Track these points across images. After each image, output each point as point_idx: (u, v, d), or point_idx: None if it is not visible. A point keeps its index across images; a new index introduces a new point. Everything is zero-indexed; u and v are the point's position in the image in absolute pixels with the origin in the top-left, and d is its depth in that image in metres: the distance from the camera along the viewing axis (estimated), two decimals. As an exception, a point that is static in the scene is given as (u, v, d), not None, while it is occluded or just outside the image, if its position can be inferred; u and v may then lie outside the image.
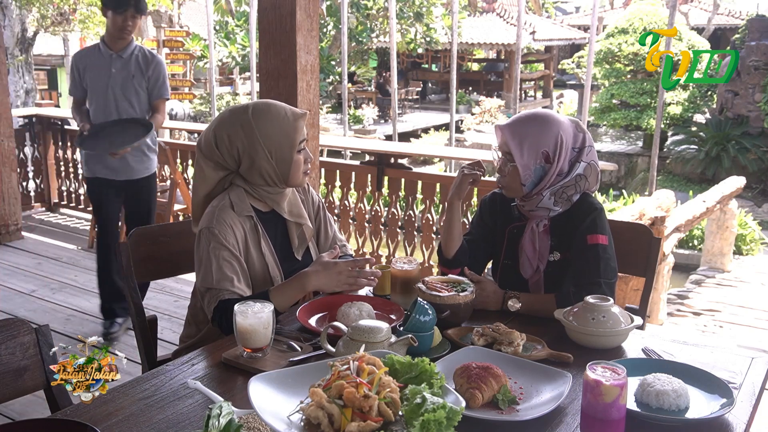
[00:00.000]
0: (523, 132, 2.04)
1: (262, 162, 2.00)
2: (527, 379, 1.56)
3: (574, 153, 2.06)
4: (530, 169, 2.04)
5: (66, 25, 11.31)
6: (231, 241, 1.98)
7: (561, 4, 33.44)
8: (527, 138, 2.03)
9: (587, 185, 2.09)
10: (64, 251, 5.44)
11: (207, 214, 2.02)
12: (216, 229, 1.97)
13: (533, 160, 2.03)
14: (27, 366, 1.62)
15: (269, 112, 2.02)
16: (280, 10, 3.41)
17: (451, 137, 9.88)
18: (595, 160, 2.10)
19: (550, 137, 2.02)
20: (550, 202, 2.06)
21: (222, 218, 1.99)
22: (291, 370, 1.45)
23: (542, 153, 2.03)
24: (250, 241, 2.04)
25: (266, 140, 2.00)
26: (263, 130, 2.00)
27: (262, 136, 1.99)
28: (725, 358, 1.75)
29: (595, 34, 7.33)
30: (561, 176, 2.05)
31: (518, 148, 2.03)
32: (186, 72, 15.47)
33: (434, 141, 17.53)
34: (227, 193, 2.05)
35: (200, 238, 2.00)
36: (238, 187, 2.06)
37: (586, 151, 2.07)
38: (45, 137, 6.57)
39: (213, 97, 9.74)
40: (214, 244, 1.96)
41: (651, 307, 4.23)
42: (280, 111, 2.03)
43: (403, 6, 18.77)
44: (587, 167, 2.07)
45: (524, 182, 2.05)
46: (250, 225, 2.06)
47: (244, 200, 2.05)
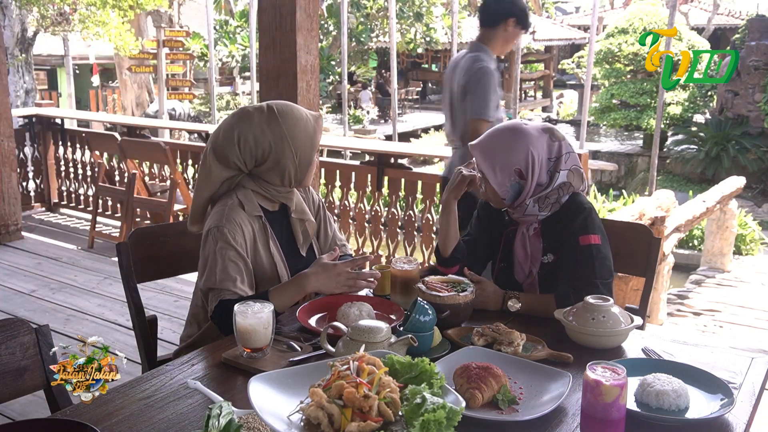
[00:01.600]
0: (492, 154, 2.04)
1: (288, 162, 2.03)
2: (527, 379, 1.56)
3: (550, 163, 2.04)
4: (506, 186, 2.04)
5: (66, 25, 11.30)
6: (239, 241, 1.98)
7: (561, 4, 33.42)
8: (497, 159, 2.03)
9: (572, 189, 2.08)
10: (64, 251, 5.44)
11: (216, 213, 2.02)
12: (225, 228, 1.97)
13: (507, 179, 2.03)
14: (27, 366, 1.62)
15: (293, 113, 2.05)
16: (280, 10, 3.41)
17: (451, 137, 9.86)
18: (576, 164, 2.07)
19: (520, 155, 2.01)
20: (535, 209, 2.06)
21: (232, 217, 2.00)
22: (291, 370, 1.45)
23: (515, 171, 2.02)
24: (258, 241, 2.05)
25: (294, 141, 2.03)
26: (291, 131, 2.02)
27: (290, 137, 2.02)
28: (725, 358, 1.75)
29: (595, 34, 7.33)
30: (541, 186, 2.04)
31: (491, 170, 2.03)
32: (186, 72, 15.49)
33: (434, 141, 17.53)
34: (234, 194, 2.05)
35: (207, 238, 2.00)
36: (244, 188, 2.06)
37: (564, 158, 2.04)
38: (45, 137, 6.57)
39: (213, 97, 9.74)
40: (222, 244, 1.97)
41: (651, 307, 4.23)
42: (302, 113, 2.07)
43: (403, 6, 18.78)
44: (569, 174, 2.05)
45: (504, 197, 2.06)
46: (259, 225, 2.07)
47: (253, 200, 2.06)
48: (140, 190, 5.51)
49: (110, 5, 10.73)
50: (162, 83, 11.37)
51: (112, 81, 18.55)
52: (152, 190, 5.69)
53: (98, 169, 5.96)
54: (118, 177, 6.09)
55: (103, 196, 5.99)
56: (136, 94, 15.65)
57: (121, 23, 11.02)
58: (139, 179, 5.51)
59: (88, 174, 6.45)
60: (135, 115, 14.88)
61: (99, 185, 5.81)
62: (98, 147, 5.85)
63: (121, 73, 15.35)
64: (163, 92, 11.48)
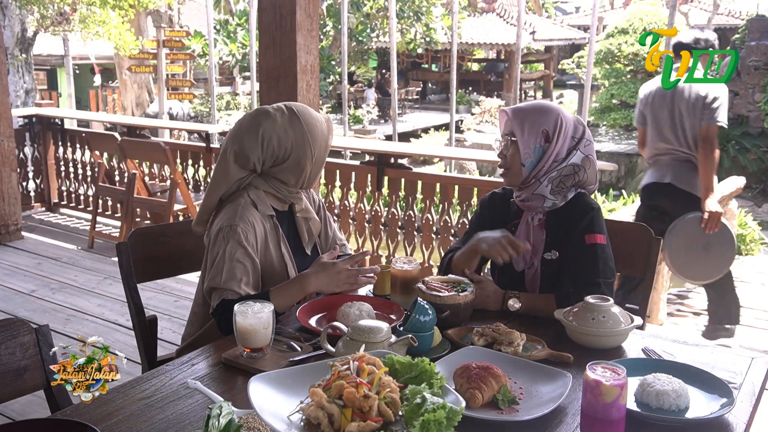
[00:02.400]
0: (525, 113, 2.11)
1: (307, 163, 2.07)
2: (527, 379, 1.56)
3: (573, 141, 2.10)
4: (530, 147, 2.07)
5: (66, 25, 11.29)
6: (250, 240, 1.99)
7: (561, 4, 33.43)
8: (528, 117, 2.09)
9: (586, 178, 2.10)
10: (64, 251, 5.44)
11: (228, 211, 2.02)
12: (239, 226, 1.98)
13: (533, 138, 2.06)
14: (27, 366, 1.62)
15: (312, 115, 2.10)
16: (280, 10, 3.41)
17: (451, 137, 9.89)
18: (593, 155, 2.12)
19: (551, 118, 2.08)
20: (547, 189, 2.07)
21: (245, 216, 2.00)
22: (291, 370, 1.45)
23: (542, 132, 2.06)
24: (270, 241, 2.06)
25: (314, 142, 2.07)
26: (313, 133, 2.07)
27: (312, 138, 2.06)
28: (725, 358, 1.75)
29: (595, 34, 7.33)
30: (557, 162, 2.07)
31: (520, 126, 2.08)
32: (186, 72, 15.49)
33: (434, 141, 17.52)
34: (245, 193, 2.06)
35: (218, 236, 2.00)
36: (256, 188, 2.07)
37: (584, 143, 2.10)
38: (45, 137, 6.57)
39: (213, 97, 9.75)
40: (232, 243, 1.97)
41: (651, 307, 4.23)
42: (317, 115, 2.13)
43: (403, 6, 18.78)
44: (585, 159, 2.09)
45: (524, 161, 2.07)
46: (271, 224, 2.08)
47: (265, 200, 2.07)
48: (140, 190, 5.51)
49: (110, 5, 10.71)
50: (162, 83, 11.37)
51: (112, 81, 18.55)
52: (152, 190, 5.69)
53: (98, 169, 5.96)
54: (118, 177, 6.09)
55: (103, 196, 5.99)
56: (136, 94, 15.65)
57: (121, 23, 11.01)
58: (139, 179, 5.50)
59: (88, 174, 6.45)
60: (135, 115, 14.88)
61: (99, 185, 5.81)
62: (98, 147, 5.85)
63: (121, 73, 15.35)
64: (163, 92, 11.48)
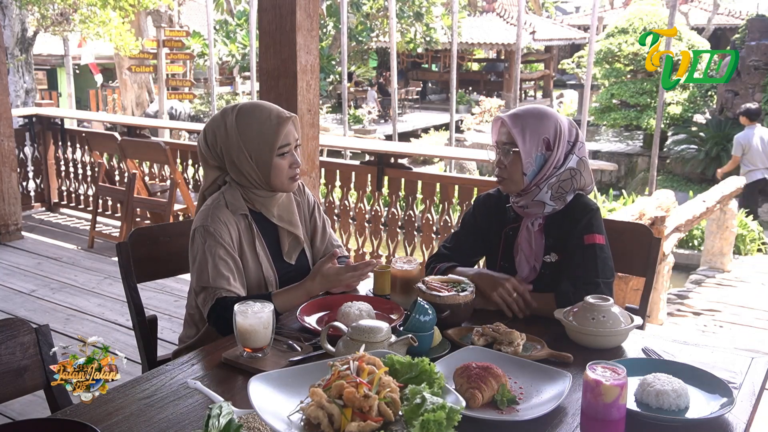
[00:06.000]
0: (524, 120, 2.07)
1: (243, 163, 2.01)
2: (527, 379, 1.56)
3: (568, 146, 2.09)
4: (532, 157, 2.04)
5: (66, 25, 11.30)
6: (227, 239, 1.98)
7: (561, 4, 33.44)
8: (528, 125, 2.06)
9: (582, 181, 2.10)
10: (64, 251, 5.44)
11: (201, 212, 2.03)
12: (211, 227, 1.97)
13: (535, 146, 2.04)
14: (27, 366, 1.62)
15: (252, 113, 2.01)
16: (280, 10, 3.41)
17: (451, 137, 9.88)
18: (586, 156, 2.12)
19: (550, 125, 2.06)
20: (547, 196, 2.06)
21: (217, 216, 1.99)
22: (291, 370, 1.45)
23: (543, 140, 2.05)
24: (244, 240, 2.04)
25: (246, 142, 2.00)
26: (243, 132, 2.00)
27: (241, 137, 2.00)
28: (725, 358, 1.75)
29: (595, 34, 7.33)
30: (556, 168, 2.06)
31: (521, 134, 2.04)
32: (186, 72, 15.49)
33: (434, 141, 17.53)
34: (222, 192, 2.06)
35: (195, 237, 2.00)
36: (233, 186, 2.06)
37: (578, 146, 2.10)
38: (45, 137, 6.57)
39: (213, 97, 9.75)
40: (210, 242, 1.96)
41: (651, 307, 4.23)
42: (264, 113, 2.02)
43: (403, 6, 18.78)
44: (580, 162, 2.09)
45: (526, 171, 2.05)
46: (245, 224, 2.06)
47: (239, 199, 2.05)
48: (140, 190, 5.51)
49: (111, 5, 10.72)
50: (162, 83, 11.37)
51: (112, 81, 18.55)
52: (152, 190, 5.69)
53: (98, 169, 5.96)
54: (118, 177, 6.10)
55: (103, 196, 5.99)
56: (136, 94, 15.66)
57: (121, 23, 11.01)
58: (139, 179, 5.51)
59: (88, 174, 6.45)
60: (135, 115, 14.88)
61: (99, 185, 5.81)
62: (98, 147, 5.85)
63: (121, 73, 15.36)
64: (163, 92, 11.47)
